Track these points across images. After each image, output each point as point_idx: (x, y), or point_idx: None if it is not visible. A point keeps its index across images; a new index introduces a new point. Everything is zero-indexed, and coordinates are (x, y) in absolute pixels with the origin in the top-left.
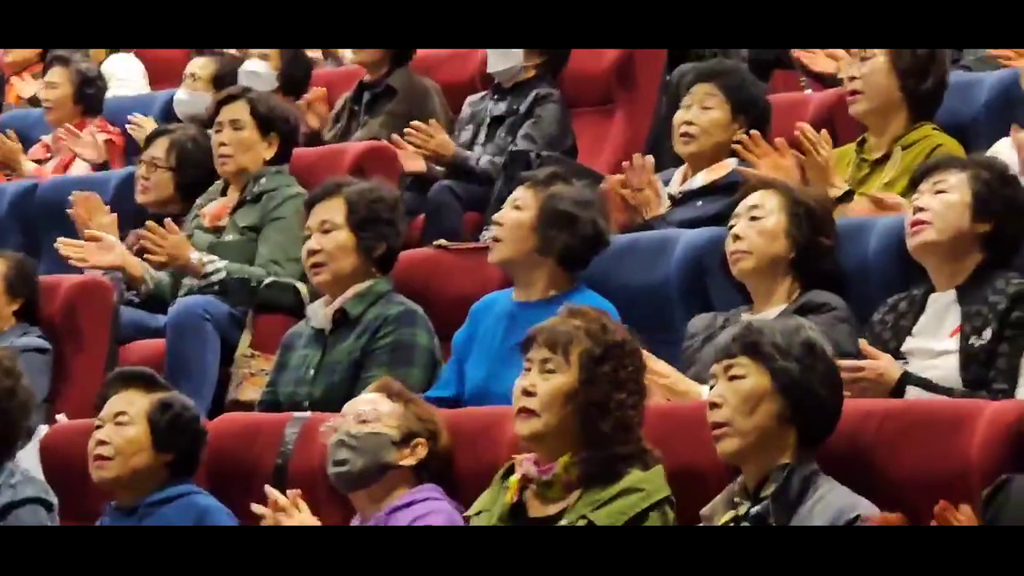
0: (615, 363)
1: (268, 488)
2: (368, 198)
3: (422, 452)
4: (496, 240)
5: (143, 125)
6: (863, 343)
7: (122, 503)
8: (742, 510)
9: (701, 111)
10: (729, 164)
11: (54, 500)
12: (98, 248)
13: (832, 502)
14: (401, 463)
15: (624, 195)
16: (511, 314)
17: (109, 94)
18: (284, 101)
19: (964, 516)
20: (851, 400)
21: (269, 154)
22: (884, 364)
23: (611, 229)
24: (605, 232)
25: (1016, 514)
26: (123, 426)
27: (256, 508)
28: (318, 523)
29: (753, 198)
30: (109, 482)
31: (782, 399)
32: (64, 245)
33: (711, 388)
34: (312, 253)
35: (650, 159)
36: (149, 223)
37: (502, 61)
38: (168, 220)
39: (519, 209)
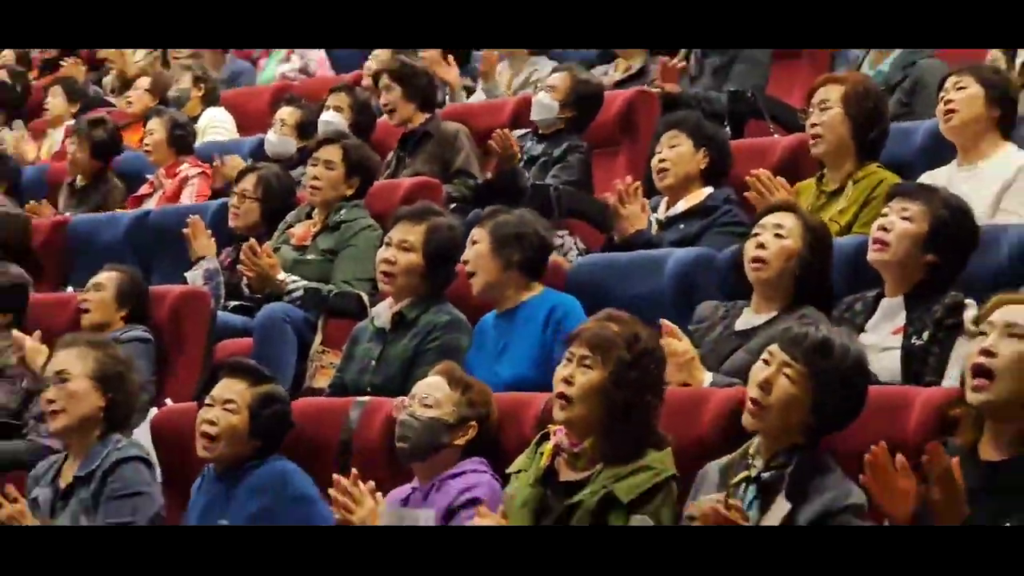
0: (643, 369)
1: (337, 477)
2: (446, 235)
3: (472, 433)
4: (471, 274)
5: (229, 163)
6: None
7: (218, 470)
8: (754, 472)
9: (669, 149)
10: (704, 192)
11: (154, 461)
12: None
13: (830, 486)
14: (454, 443)
15: (618, 207)
16: (495, 325)
17: (206, 139)
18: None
19: (899, 464)
20: None
21: (350, 191)
22: None
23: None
24: (549, 239)
25: None
26: (229, 412)
27: (336, 483)
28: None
29: (777, 216)
30: (210, 459)
31: (817, 406)
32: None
33: (761, 363)
34: (386, 262)
35: (637, 185)
36: (248, 244)
37: (543, 112)
38: (266, 246)
39: (476, 243)
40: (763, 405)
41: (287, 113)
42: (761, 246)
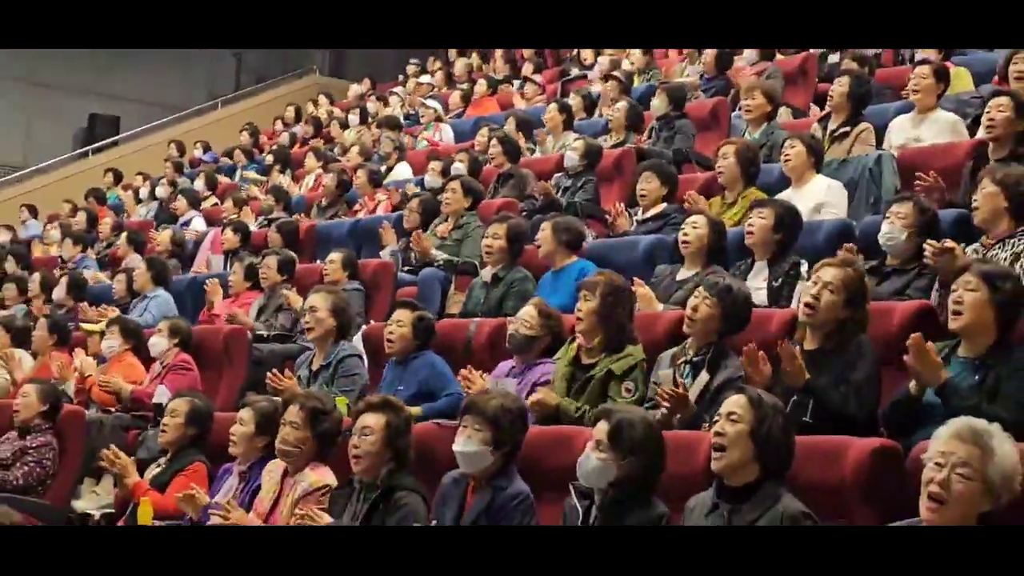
0: (615, 296)
1: (463, 372)
2: (519, 230)
3: (548, 341)
4: (539, 247)
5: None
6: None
7: (396, 360)
8: (688, 357)
9: (646, 183)
10: (663, 205)
11: (363, 354)
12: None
13: (730, 365)
14: (539, 347)
15: (613, 218)
16: (552, 280)
17: (395, 180)
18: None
19: (785, 352)
20: None
21: (467, 205)
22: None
23: (588, 233)
24: (583, 230)
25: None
26: (401, 327)
27: (466, 369)
28: (486, 386)
29: (693, 217)
30: (391, 353)
31: (723, 320)
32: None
33: (692, 297)
34: (487, 245)
35: (622, 206)
36: (415, 235)
37: (571, 160)
38: (419, 232)
39: (544, 232)
40: (693, 319)
41: (434, 164)
42: (685, 232)
